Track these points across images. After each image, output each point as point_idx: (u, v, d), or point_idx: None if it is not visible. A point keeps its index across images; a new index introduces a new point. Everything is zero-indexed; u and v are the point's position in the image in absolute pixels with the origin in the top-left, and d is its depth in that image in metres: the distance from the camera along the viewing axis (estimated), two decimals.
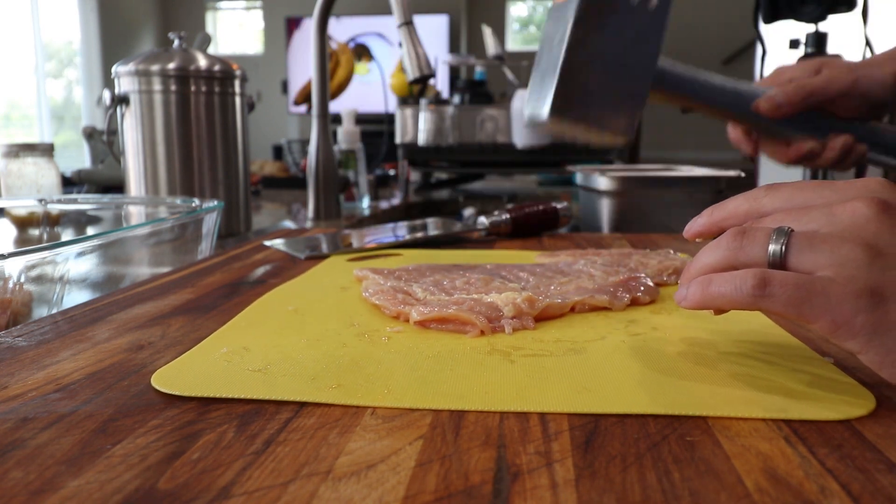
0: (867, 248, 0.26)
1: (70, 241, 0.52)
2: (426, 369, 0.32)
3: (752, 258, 0.28)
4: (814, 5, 1.48)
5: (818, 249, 0.27)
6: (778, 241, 0.28)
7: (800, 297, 0.26)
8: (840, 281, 0.26)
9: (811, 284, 0.26)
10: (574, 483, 0.21)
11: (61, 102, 4.37)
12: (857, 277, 0.26)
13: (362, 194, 1.38)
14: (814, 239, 0.27)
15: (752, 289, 0.27)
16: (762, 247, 0.28)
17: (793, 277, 0.27)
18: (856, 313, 0.26)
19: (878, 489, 0.21)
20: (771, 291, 0.27)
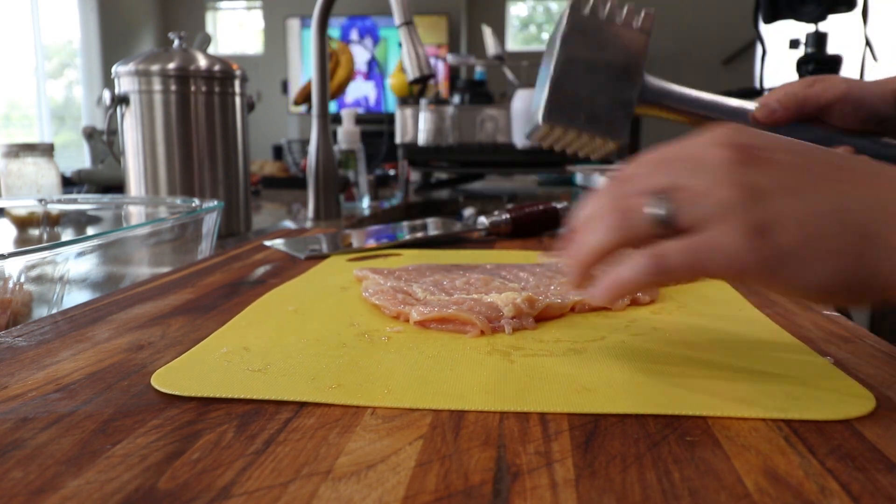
0: (741, 188, 0.27)
1: (70, 241, 0.52)
2: (426, 369, 0.32)
3: (638, 230, 0.29)
4: (814, 5, 1.48)
5: (697, 202, 0.28)
6: (657, 206, 0.28)
7: (696, 259, 0.27)
8: (726, 228, 0.27)
9: (701, 242, 0.27)
10: (574, 483, 0.21)
11: (61, 102, 4.37)
12: (740, 219, 0.27)
13: (362, 194, 1.38)
14: (689, 192, 0.28)
15: (649, 269, 0.28)
16: (643, 216, 0.29)
17: (682, 243, 0.27)
18: (751, 253, 0.26)
19: (878, 489, 0.21)
20: (668, 264, 0.28)
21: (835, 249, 0.27)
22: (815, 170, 0.29)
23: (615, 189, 0.31)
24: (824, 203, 0.27)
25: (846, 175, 0.29)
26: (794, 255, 0.27)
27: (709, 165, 0.29)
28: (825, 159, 0.29)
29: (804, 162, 0.29)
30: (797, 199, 0.27)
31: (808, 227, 0.27)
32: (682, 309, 0.44)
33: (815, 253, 0.27)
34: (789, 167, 0.28)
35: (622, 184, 0.31)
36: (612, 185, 0.31)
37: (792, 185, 0.28)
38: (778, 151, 0.29)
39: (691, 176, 0.29)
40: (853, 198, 0.28)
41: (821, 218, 0.27)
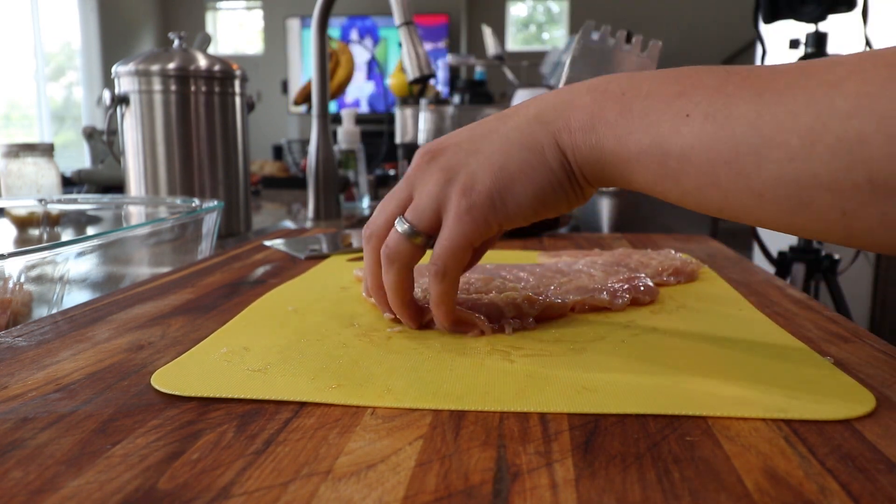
0: (437, 174, 0.35)
1: (70, 241, 0.52)
2: (426, 369, 0.32)
3: (405, 250, 0.36)
4: (814, 5, 1.48)
5: (421, 206, 0.35)
6: (402, 223, 0.36)
7: (454, 241, 0.34)
8: (449, 207, 0.35)
9: (446, 229, 0.35)
10: (574, 483, 0.21)
11: (61, 102, 4.37)
12: (451, 192, 0.35)
13: (362, 194, 1.38)
14: (414, 202, 0.36)
15: (438, 276, 0.35)
16: (399, 240, 0.36)
17: (439, 241, 0.35)
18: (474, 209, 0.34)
19: (878, 489, 0.21)
20: (445, 262, 0.35)
21: (516, 169, 0.34)
22: (479, 131, 0.36)
23: (366, 234, 0.38)
24: (493, 144, 0.35)
25: (506, 118, 0.36)
26: (499, 188, 0.34)
27: (412, 176, 0.37)
28: (484, 122, 0.37)
29: (470, 132, 0.36)
30: (476, 155, 0.35)
31: (493, 166, 0.34)
32: (682, 309, 0.44)
33: (509, 177, 0.34)
34: (462, 141, 0.36)
35: (368, 229, 0.38)
36: (363, 235, 0.39)
37: (468, 149, 0.35)
38: (452, 137, 0.37)
39: (408, 190, 0.37)
40: (513, 125, 0.35)
41: (495, 155, 0.34)
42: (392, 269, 0.37)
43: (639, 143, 0.31)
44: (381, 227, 0.37)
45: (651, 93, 0.31)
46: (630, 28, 1.44)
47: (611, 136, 0.32)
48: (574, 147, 0.33)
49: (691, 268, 0.53)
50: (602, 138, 0.32)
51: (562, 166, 0.34)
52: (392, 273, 0.37)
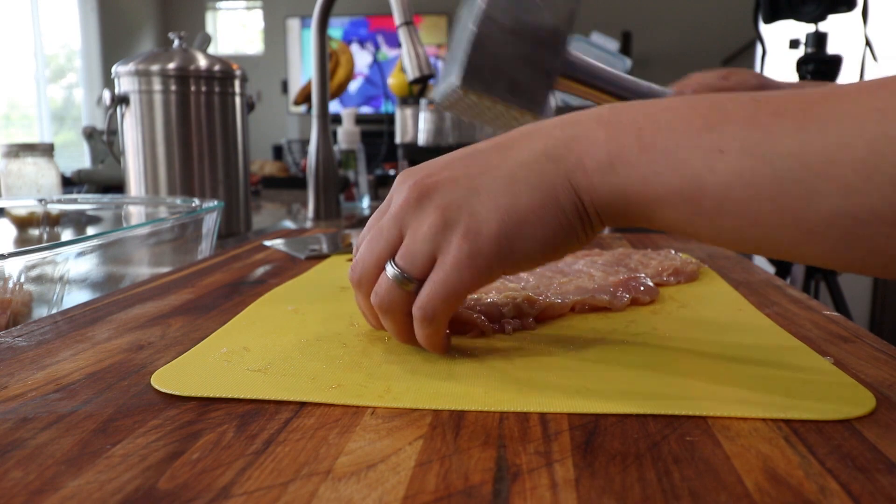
0: (432, 216, 0.31)
1: (70, 241, 0.52)
2: (426, 369, 0.32)
3: (393, 298, 0.32)
4: (814, 5, 1.48)
5: (413, 249, 0.32)
6: (392, 267, 0.32)
7: (447, 289, 0.31)
8: (447, 252, 0.31)
9: (439, 275, 0.31)
10: (574, 483, 0.21)
11: (61, 102, 4.37)
12: (450, 238, 0.31)
13: (362, 194, 1.38)
14: (404, 246, 0.32)
15: (422, 323, 0.32)
16: (389, 287, 0.32)
17: (430, 286, 0.31)
18: (478, 257, 0.30)
19: (878, 489, 0.21)
20: (432, 309, 0.31)
21: (525, 211, 0.30)
22: (475, 166, 0.32)
23: (354, 279, 0.35)
24: (496, 183, 0.31)
25: (506, 150, 0.32)
26: (507, 233, 0.30)
27: (401, 214, 0.32)
28: (478, 153, 0.33)
29: (465, 167, 0.32)
30: (477, 195, 0.31)
31: (499, 208, 0.30)
32: (683, 309, 0.44)
33: (518, 220, 0.30)
34: (458, 177, 0.32)
35: (355, 272, 0.35)
36: (351, 278, 0.35)
37: (467, 186, 0.31)
38: (443, 170, 0.32)
39: (397, 229, 0.33)
40: (518, 162, 0.31)
41: (501, 195, 0.31)
42: (388, 318, 0.33)
43: (667, 184, 0.28)
44: (369, 272, 0.34)
45: (672, 126, 0.29)
46: (630, 28, 1.43)
47: (634, 176, 0.29)
48: (591, 188, 0.30)
49: (691, 268, 0.53)
50: (624, 179, 0.29)
51: (575, 208, 0.30)
52: (390, 321, 0.34)
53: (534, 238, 0.30)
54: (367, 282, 0.34)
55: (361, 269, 0.34)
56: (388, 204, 0.34)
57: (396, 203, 0.33)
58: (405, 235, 0.32)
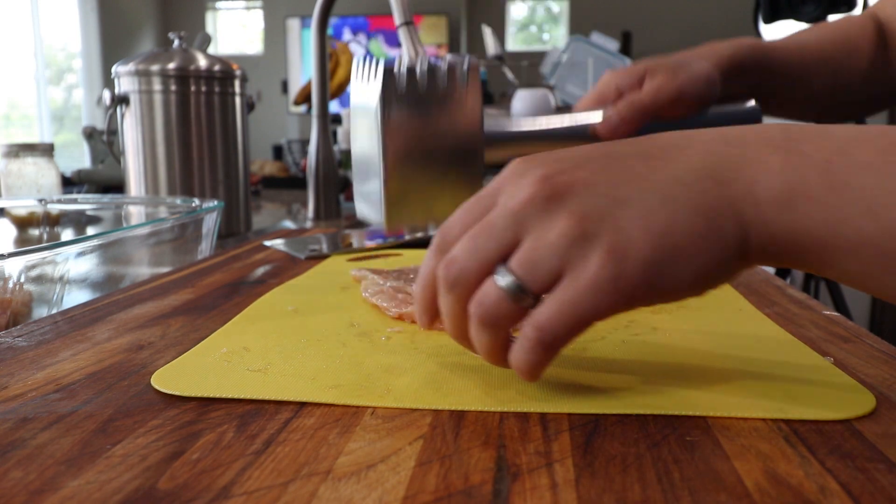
0: (566, 222, 0.26)
1: (70, 241, 0.52)
2: (426, 369, 0.32)
3: (501, 312, 0.27)
4: (814, 5, 1.48)
5: (537, 258, 0.26)
6: (505, 276, 0.26)
7: (574, 314, 0.26)
8: (582, 269, 0.26)
9: (568, 295, 0.26)
10: (574, 483, 0.21)
11: (61, 102, 4.37)
12: (587, 255, 0.25)
13: None
14: (523, 251, 0.26)
15: (537, 349, 0.26)
16: (498, 293, 0.26)
17: (553, 306, 0.26)
18: (621, 281, 0.25)
19: (878, 489, 0.21)
20: (552, 335, 0.26)
21: (683, 237, 0.26)
22: (619, 172, 0.27)
23: (449, 278, 0.28)
24: (649, 197, 0.26)
25: (654, 160, 0.27)
26: (660, 260, 0.25)
27: (522, 212, 0.27)
28: (623, 154, 0.28)
29: (606, 171, 0.27)
30: (624, 207, 0.26)
31: (652, 228, 0.26)
32: (682, 308, 0.44)
33: (672, 247, 0.26)
34: (598, 182, 0.27)
35: (451, 270, 0.28)
36: (442, 275, 0.28)
37: (611, 196, 0.26)
38: (578, 169, 0.27)
39: (514, 231, 0.27)
40: (674, 178, 0.27)
41: (655, 213, 0.26)
42: (486, 333, 0.27)
43: (860, 231, 0.24)
44: (471, 274, 0.27)
45: (868, 163, 0.25)
46: (630, 28, 1.43)
47: (818, 218, 0.25)
48: (762, 223, 0.26)
49: None
50: (805, 220, 0.25)
51: (738, 242, 0.26)
52: (486, 337, 0.27)
53: (687, 269, 0.26)
54: (465, 285, 0.28)
55: (461, 270, 0.27)
56: (497, 193, 0.28)
57: (516, 198, 0.27)
58: (523, 239, 0.27)
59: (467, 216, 0.29)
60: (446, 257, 0.28)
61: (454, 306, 0.28)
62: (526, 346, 0.26)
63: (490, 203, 0.28)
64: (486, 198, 0.29)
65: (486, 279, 0.27)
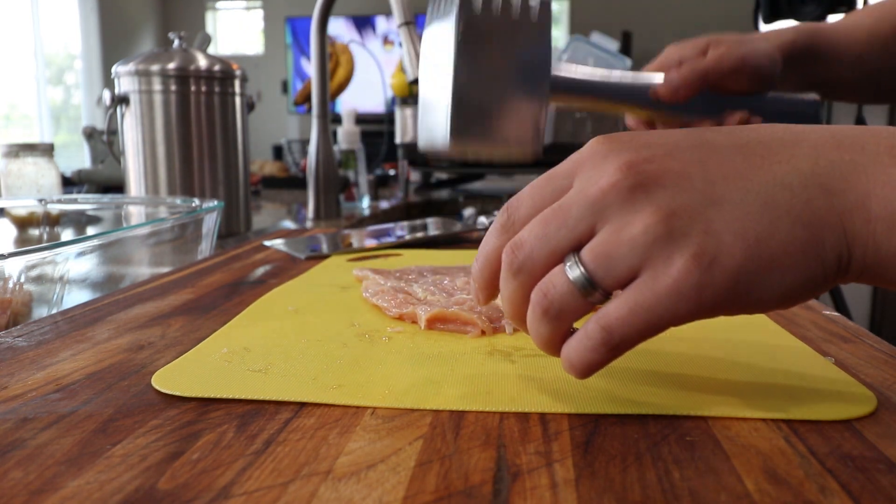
0: (652, 217, 0.23)
1: (70, 241, 0.52)
2: (427, 370, 0.32)
3: (567, 306, 0.25)
4: (814, 5, 1.48)
5: (614, 252, 0.24)
6: (576, 267, 0.24)
7: (648, 318, 0.23)
8: (660, 271, 0.23)
9: (644, 298, 0.23)
10: (574, 483, 0.21)
11: (61, 103, 4.37)
12: (671, 256, 0.23)
13: (362, 194, 1.38)
14: (599, 243, 0.24)
15: (601, 349, 0.24)
16: (567, 285, 0.25)
17: (625, 306, 0.24)
18: (706, 289, 0.23)
19: (878, 489, 0.21)
20: (621, 337, 0.24)
21: (779, 249, 0.23)
22: (716, 166, 0.25)
23: (515, 263, 0.26)
24: (745, 199, 0.24)
25: (755, 157, 0.25)
26: (752, 270, 0.23)
27: (601, 203, 0.24)
28: (720, 145, 0.25)
29: (701, 162, 0.25)
30: (718, 207, 0.24)
31: (748, 235, 0.23)
32: None
33: (768, 258, 0.23)
34: (693, 173, 0.24)
35: (518, 254, 0.26)
36: (507, 259, 0.26)
37: (705, 192, 0.24)
38: (669, 157, 0.25)
39: (591, 220, 0.25)
40: (778, 180, 0.24)
41: (752, 218, 0.23)
42: (546, 324, 0.26)
43: None
44: (539, 261, 0.25)
45: None
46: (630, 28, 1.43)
47: None
48: (871, 240, 0.23)
49: None
50: None
51: (837, 257, 0.24)
52: (546, 328, 0.26)
53: (779, 283, 0.23)
54: (531, 272, 0.26)
55: (527, 255, 0.26)
56: (573, 174, 0.26)
57: (597, 184, 0.25)
58: (600, 229, 0.25)
59: (537, 195, 0.27)
60: (514, 240, 0.26)
61: (517, 291, 0.27)
62: (588, 344, 0.25)
63: (564, 184, 0.26)
64: (559, 177, 0.27)
65: (555, 268, 0.25)
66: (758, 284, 0.23)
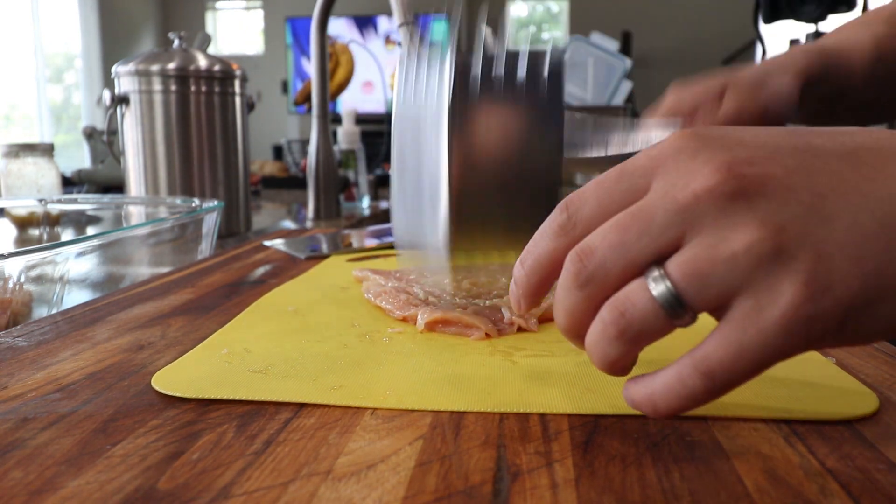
0: (760, 232, 0.20)
1: (70, 241, 0.52)
2: (429, 371, 0.32)
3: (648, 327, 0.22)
4: (814, 5, 1.48)
5: (712, 273, 0.21)
6: (662, 282, 0.21)
7: (754, 362, 0.21)
8: (765, 301, 0.20)
9: (747, 339, 0.20)
10: (574, 483, 0.21)
11: (61, 102, 4.37)
12: (778, 282, 0.20)
13: (362, 194, 1.38)
14: (698, 261, 0.21)
15: (701, 395, 0.21)
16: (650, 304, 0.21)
17: (725, 348, 0.21)
18: (816, 322, 0.20)
19: (878, 489, 0.21)
20: (723, 382, 0.21)
21: None
22: (824, 175, 0.21)
23: (583, 273, 0.23)
24: (864, 219, 0.20)
25: (866, 167, 0.21)
26: (864, 303, 0.20)
27: (692, 210, 0.21)
28: (824, 151, 0.22)
29: (808, 172, 0.21)
30: (829, 226, 0.20)
31: (864, 261, 0.20)
32: None
33: (885, 287, 0.20)
34: (798, 184, 0.21)
35: (588, 263, 0.22)
36: (573, 268, 0.23)
37: (814, 207, 0.21)
38: (765, 160, 0.21)
39: (680, 229, 0.21)
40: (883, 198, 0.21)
41: (871, 240, 0.20)
42: (619, 347, 0.22)
43: None
44: (614, 274, 0.22)
45: None
46: (630, 28, 1.43)
47: None
48: None
49: None
50: None
51: None
52: (616, 351, 0.22)
53: (887, 319, 0.20)
54: (602, 284, 0.22)
55: (599, 264, 0.22)
56: (652, 173, 0.23)
57: (688, 187, 0.21)
58: (689, 240, 0.21)
59: (605, 195, 0.23)
60: (581, 246, 0.23)
61: (581, 305, 0.23)
62: (682, 391, 0.21)
63: (640, 184, 0.23)
64: (634, 175, 0.23)
65: (632, 282, 0.22)
66: (869, 316, 0.20)
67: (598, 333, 0.22)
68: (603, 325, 0.22)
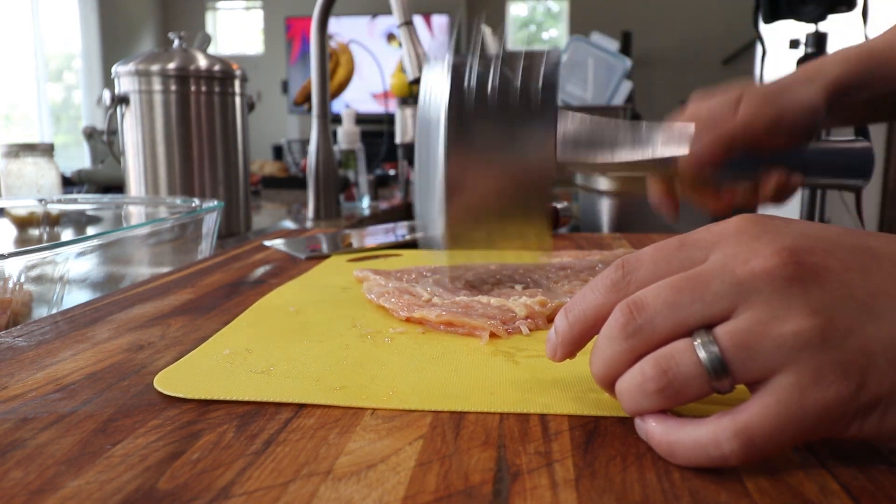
0: (810, 317, 0.21)
1: (70, 241, 0.52)
2: (431, 371, 0.32)
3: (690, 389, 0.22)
4: (814, 5, 1.48)
5: (760, 348, 0.21)
6: (709, 347, 0.22)
7: (793, 436, 0.21)
8: (807, 383, 0.21)
9: (789, 413, 0.21)
10: (574, 483, 0.21)
11: (61, 102, 4.37)
12: (821, 370, 0.21)
13: (362, 194, 1.38)
14: (748, 334, 0.22)
15: (740, 458, 0.22)
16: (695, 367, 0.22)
17: (768, 418, 0.21)
18: (846, 412, 0.21)
19: (878, 489, 0.21)
20: (761, 451, 0.21)
21: None
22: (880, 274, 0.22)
23: (632, 325, 0.23)
24: None
25: None
26: (891, 401, 0.21)
27: (748, 286, 0.22)
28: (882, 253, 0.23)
29: (862, 264, 0.22)
30: (877, 323, 0.21)
31: None
32: None
33: None
34: (852, 278, 0.22)
35: (639, 317, 0.23)
36: (622, 319, 0.24)
37: (865, 303, 0.22)
38: (825, 254, 0.23)
39: (734, 300, 0.22)
40: None
41: None
42: (656, 402, 0.23)
43: None
44: (662, 330, 0.23)
45: None
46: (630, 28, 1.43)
47: None
48: None
49: None
50: None
51: None
52: (652, 405, 0.23)
53: None
54: (648, 338, 0.23)
55: (648, 319, 0.23)
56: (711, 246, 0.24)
57: (748, 264, 0.22)
58: (740, 313, 0.22)
59: (663, 261, 0.25)
60: (633, 298, 0.24)
61: (623, 355, 0.24)
62: (719, 456, 0.22)
63: (698, 256, 0.24)
64: (694, 247, 0.24)
65: (678, 342, 0.23)
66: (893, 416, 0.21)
67: (635, 385, 0.23)
68: (643, 378, 0.23)
